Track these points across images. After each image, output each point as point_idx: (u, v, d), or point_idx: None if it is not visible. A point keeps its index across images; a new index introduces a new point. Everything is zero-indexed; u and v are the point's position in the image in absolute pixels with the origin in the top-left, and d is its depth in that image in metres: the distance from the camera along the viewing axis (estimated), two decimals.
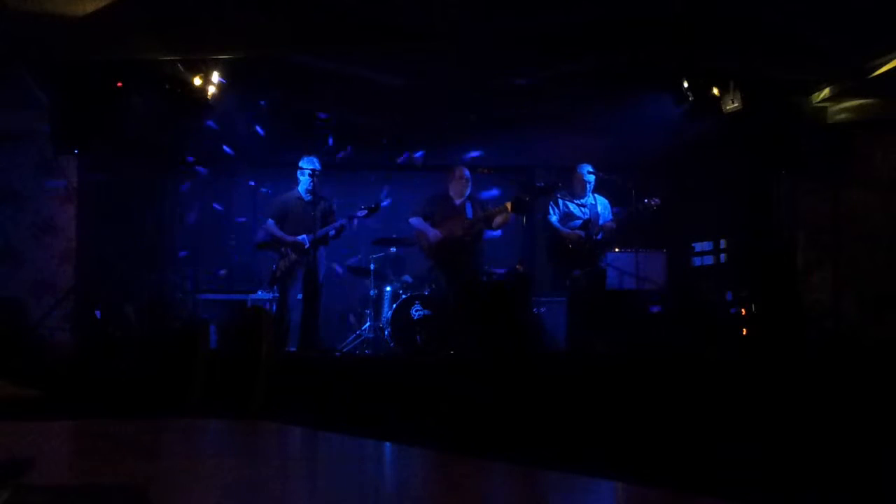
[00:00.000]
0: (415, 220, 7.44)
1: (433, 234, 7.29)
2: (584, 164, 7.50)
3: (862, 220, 7.35)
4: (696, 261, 8.19)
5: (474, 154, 8.47)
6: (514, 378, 5.14)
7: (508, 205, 7.15)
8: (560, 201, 7.42)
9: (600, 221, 7.38)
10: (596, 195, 7.50)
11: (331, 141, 8.14)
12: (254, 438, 2.00)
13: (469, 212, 7.39)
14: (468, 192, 7.43)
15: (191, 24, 5.81)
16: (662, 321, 7.07)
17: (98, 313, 7.21)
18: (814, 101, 7.22)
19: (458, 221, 7.32)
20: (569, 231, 7.36)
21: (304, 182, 7.21)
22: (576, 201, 7.44)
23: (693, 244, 8.20)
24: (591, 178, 7.38)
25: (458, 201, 7.42)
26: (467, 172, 7.46)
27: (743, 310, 7.25)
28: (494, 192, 8.20)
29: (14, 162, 7.46)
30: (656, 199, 7.20)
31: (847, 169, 7.43)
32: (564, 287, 7.58)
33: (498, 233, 7.46)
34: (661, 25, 5.96)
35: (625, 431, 4.31)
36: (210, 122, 7.64)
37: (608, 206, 7.50)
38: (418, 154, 8.49)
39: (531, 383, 5.01)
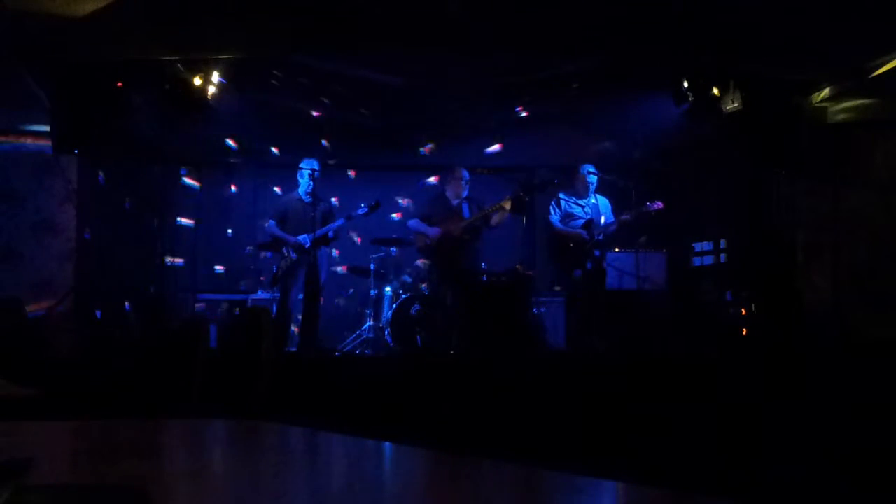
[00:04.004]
0: (412, 223, 7.49)
1: (433, 232, 7.29)
2: (587, 165, 7.49)
3: (862, 219, 7.34)
4: (696, 261, 8.18)
5: (474, 154, 8.47)
6: (514, 378, 5.14)
7: (507, 202, 7.12)
8: (562, 202, 7.42)
9: (602, 222, 7.37)
10: (597, 195, 7.50)
11: (326, 142, 8.14)
12: (254, 438, 2.00)
13: (466, 212, 7.40)
14: (465, 192, 7.44)
15: (191, 24, 5.81)
16: (662, 321, 7.06)
17: (98, 313, 7.21)
18: (814, 101, 7.21)
19: (455, 221, 7.33)
20: (571, 230, 7.35)
21: (303, 183, 7.22)
22: (577, 201, 7.44)
23: (693, 244, 8.19)
24: (594, 178, 7.38)
25: (454, 202, 7.43)
26: (466, 174, 7.46)
27: (743, 310, 7.25)
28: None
29: (14, 162, 7.46)
30: (658, 203, 7.17)
31: (847, 169, 7.43)
32: (564, 287, 7.58)
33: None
34: (661, 25, 5.96)
35: (625, 431, 4.31)
36: (210, 122, 7.63)
37: (609, 206, 7.49)
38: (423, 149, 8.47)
39: (531, 383, 5.01)
